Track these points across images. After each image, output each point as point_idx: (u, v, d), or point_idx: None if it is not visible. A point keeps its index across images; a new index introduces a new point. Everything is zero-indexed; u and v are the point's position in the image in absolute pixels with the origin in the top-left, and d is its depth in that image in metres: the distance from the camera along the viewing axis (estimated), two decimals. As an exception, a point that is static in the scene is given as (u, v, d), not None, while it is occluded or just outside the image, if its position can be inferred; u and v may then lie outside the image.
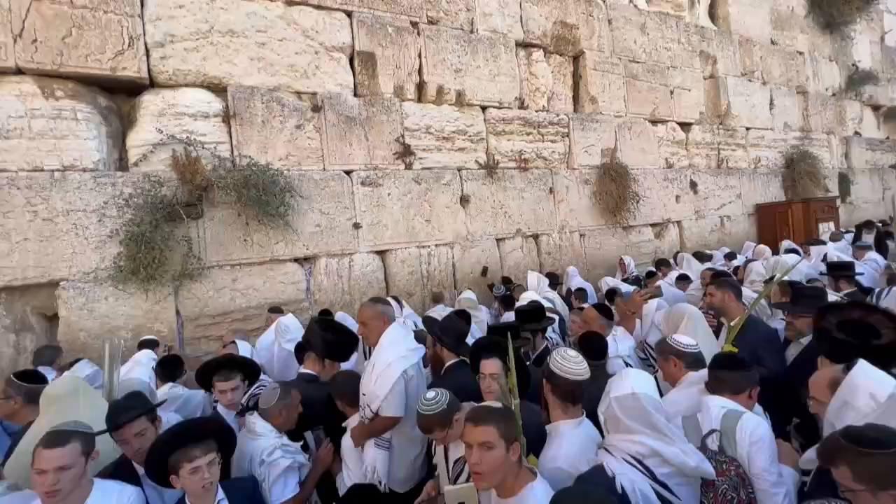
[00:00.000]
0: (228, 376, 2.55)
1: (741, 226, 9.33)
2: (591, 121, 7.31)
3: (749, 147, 9.62)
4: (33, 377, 2.46)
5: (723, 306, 3.01)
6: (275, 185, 4.57)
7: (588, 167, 7.24)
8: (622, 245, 7.54)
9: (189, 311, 4.39)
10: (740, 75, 9.47)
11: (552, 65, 7.10)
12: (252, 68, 4.81)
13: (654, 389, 1.66)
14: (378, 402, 2.29)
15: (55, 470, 1.54)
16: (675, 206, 8.29)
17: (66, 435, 1.62)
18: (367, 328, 2.53)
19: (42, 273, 3.83)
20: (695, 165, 8.73)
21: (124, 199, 4.11)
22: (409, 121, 5.70)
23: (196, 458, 1.68)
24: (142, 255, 3.99)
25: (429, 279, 5.74)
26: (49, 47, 3.92)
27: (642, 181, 7.68)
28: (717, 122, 9.16)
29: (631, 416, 1.56)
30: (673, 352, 2.10)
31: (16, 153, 3.82)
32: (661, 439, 1.54)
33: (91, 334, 3.97)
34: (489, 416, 1.53)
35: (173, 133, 4.39)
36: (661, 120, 8.25)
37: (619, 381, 1.65)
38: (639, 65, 7.96)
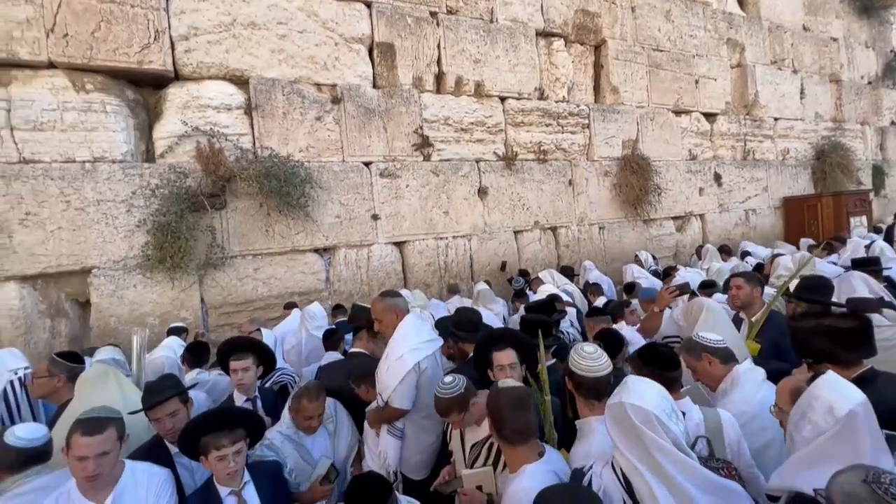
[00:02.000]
0: (240, 356, 2.60)
1: (767, 220, 9.06)
2: (613, 111, 7.17)
3: (777, 138, 9.30)
4: (74, 358, 2.58)
5: (749, 301, 2.95)
6: (295, 177, 4.63)
7: (608, 159, 7.12)
8: (642, 238, 7.41)
9: (213, 299, 4.51)
10: (769, 63, 9.14)
11: (573, 54, 6.97)
12: (273, 60, 4.86)
13: (661, 399, 1.45)
14: (388, 392, 2.33)
15: (95, 456, 1.60)
16: (697, 199, 8.10)
17: (103, 422, 1.68)
18: (382, 323, 2.56)
19: (75, 261, 3.98)
20: (719, 157, 8.49)
21: (151, 189, 4.22)
22: (427, 112, 5.68)
23: (224, 446, 1.75)
24: (168, 245, 4.11)
25: (446, 271, 5.76)
26: (79, 41, 4.03)
27: (664, 173, 7.52)
28: (743, 112, 8.88)
29: (620, 429, 1.41)
30: (706, 349, 2.02)
31: (49, 145, 3.95)
32: (648, 463, 1.35)
33: (121, 320, 4.11)
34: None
35: (197, 125, 4.48)
36: (684, 110, 8.04)
37: (619, 389, 1.51)
38: (663, 53, 7.76)
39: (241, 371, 2.55)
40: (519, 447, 1.63)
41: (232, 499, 1.79)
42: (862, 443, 1.24)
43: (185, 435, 1.84)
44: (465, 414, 1.99)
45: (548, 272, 5.62)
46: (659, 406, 1.40)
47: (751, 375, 1.98)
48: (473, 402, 2.00)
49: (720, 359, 2.00)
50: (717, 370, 2.00)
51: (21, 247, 3.80)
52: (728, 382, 1.98)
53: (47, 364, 2.51)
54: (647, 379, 1.51)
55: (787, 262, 4.45)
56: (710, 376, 2.04)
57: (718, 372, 2.00)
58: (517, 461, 1.63)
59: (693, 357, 2.06)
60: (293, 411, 2.29)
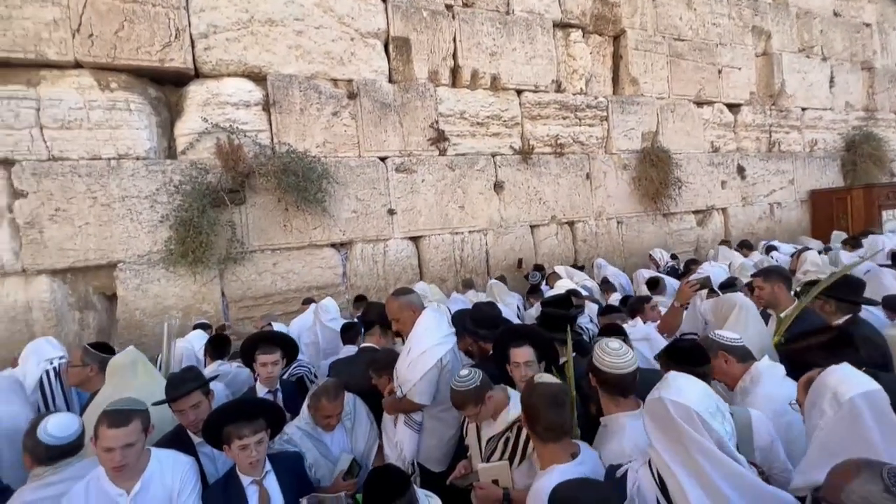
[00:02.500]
0: (270, 350, 2.64)
1: (793, 213, 8.78)
2: (632, 103, 7.02)
3: (804, 129, 8.99)
4: (105, 348, 2.67)
5: (772, 299, 2.85)
6: (312, 172, 4.67)
7: (627, 152, 6.99)
8: (662, 233, 7.27)
9: (233, 292, 4.60)
10: (797, 51, 8.81)
11: (591, 45, 6.84)
12: (290, 56, 4.90)
13: (704, 396, 1.39)
14: (409, 386, 2.34)
15: (122, 448, 1.65)
16: (720, 193, 7.89)
17: (128, 414, 1.72)
18: (400, 322, 2.56)
19: (102, 255, 4.10)
20: (743, 149, 8.25)
21: (174, 185, 4.32)
22: (443, 106, 5.66)
23: (245, 436, 1.79)
24: (190, 240, 4.20)
25: (462, 265, 5.75)
26: (104, 41, 4.13)
27: (685, 166, 7.34)
28: (769, 102, 8.60)
29: (658, 426, 1.36)
30: (723, 347, 1.96)
31: (76, 143, 4.07)
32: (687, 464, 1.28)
33: (146, 313, 4.23)
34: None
35: (217, 122, 4.55)
36: (707, 101, 7.82)
37: (659, 384, 1.46)
38: (684, 43, 7.55)
39: (270, 364, 2.60)
40: (550, 445, 1.61)
41: (253, 488, 1.83)
42: (868, 432, 1.20)
43: (208, 424, 1.89)
44: (481, 407, 1.99)
45: (563, 267, 5.56)
46: (701, 403, 1.33)
47: (772, 371, 1.92)
48: (489, 396, 2.00)
49: (737, 357, 1.95)
50: (734, 368, 1.95)
51: (51, 242, 3.93)
52: (747, 380, 1.92)
53: (80, 354, 2.60)
54: (689, 375, 1.44)
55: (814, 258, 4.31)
56: (727, 375, 1.99)
57: (735, 370, 1.95)
58: (547, 459, 1.61)
59: (711, 355, 1.98)
60: (312, 409, 2.31)
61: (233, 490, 1.82)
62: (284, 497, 1.86)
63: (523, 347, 2.25)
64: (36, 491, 1.75)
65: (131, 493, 1.70)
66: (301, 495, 1.84)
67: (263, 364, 2.60)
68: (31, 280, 3.93)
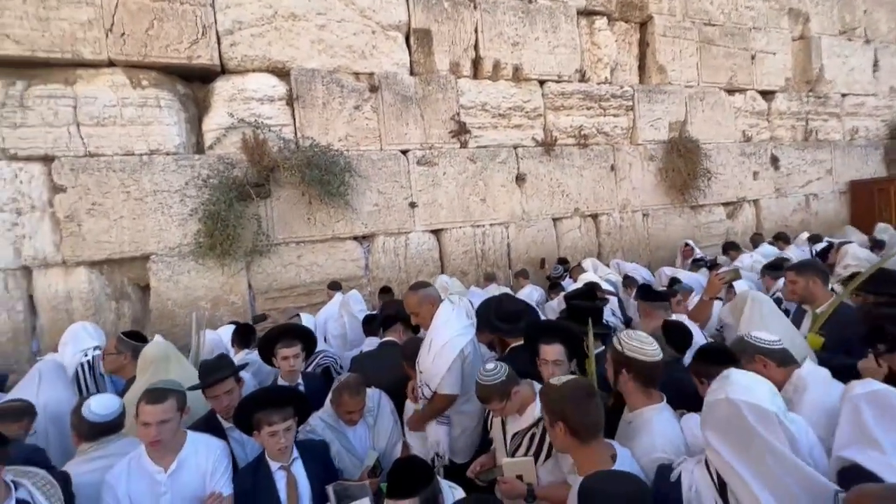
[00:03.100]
0: (291, 343, 2.67)
1: (830, 205, 8.39)
2: (659, 92, 6.81)
3: (844, 116, 8.54)
4: (138, 337, 2.79)
5: (807, 294, 2.72)
6: (335, 166, 4.72)
7: (653, 142, 6.79)
8: (689, 226, 7.06)
9: (259, 284, 4.71)
10: (837, 34, 8.36)
11: (616, 33, 6.66)
12: (313, 51, 4.94)
13: (773, 395, 1.35)
14: (437, 380, 2.33)
15: (157, 423, 1.75)
16: (751, 184, 7.60)
17: (165, 392, 1.84)
18: (419, 316, 2.57)
19: (136, 248, 4.26)
20: (777, 138, 7.91)
21: (202, 179, 4.43)
22: (464, 98, 5.62)
23: (275, 423, 1.85)
24: (218, 232, 4.31)
25: (483, 259, 5.73)
26: (135, 39, 4.25)
27: (715, 157, 7.09)
28: (805, 88, 8.20)
29: (725, 429, 1.30)
30: (760, 350, 1.84)
31: (111, 139, 4.22)
32: (756, 466, 1.23)
33: (177, 303, 4.38)
34: (541, 392, 1.58)
35: (243, 117, 4.64)
36: (739, 89, 7.52)
37: (719, 383, 1.38)
38: (715, 28, 7.26)
39: (292, 358, 2.62)
40: (592, 444, 1.52)
41: (281, 473, 1.89)
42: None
43: (240, 410, 1.97)
44: (507, 402, 1.96)
45: (590, 260, 5.47)
46: (775, 403, 1.29)
47: (816, 376, 1.80)
48: (515, 391, 1.97)
49: (777, 361, 1.82)
50: (774, 373, 1.80)
51: (89, 234, 4.10)
52: (790, 390, 1.79)
53: (115, 342, 2.72)
54: (751, 373, 1.40)
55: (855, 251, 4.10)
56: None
57: (776, 375, 1.80)
58: (588, 463, 1.51)
59: (745, 359, 1.87)
60: (334, 404, 2.34)
61: (262, 474, 1.88)
62: (310, 483, 1.91)
63: (553, 345, 2.19)
64: (82, 465, 1.88)
65: (168, 471, 1.80)
66: (327, 483, 1.89)
67: (285, 357, 2.61)
68: (71, 271, 4.11)
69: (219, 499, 1.82)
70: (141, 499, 1.77)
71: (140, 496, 1.77)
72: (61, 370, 2.71)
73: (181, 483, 1.81)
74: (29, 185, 4.01)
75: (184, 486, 1.81)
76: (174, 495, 1.79)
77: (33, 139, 3.99)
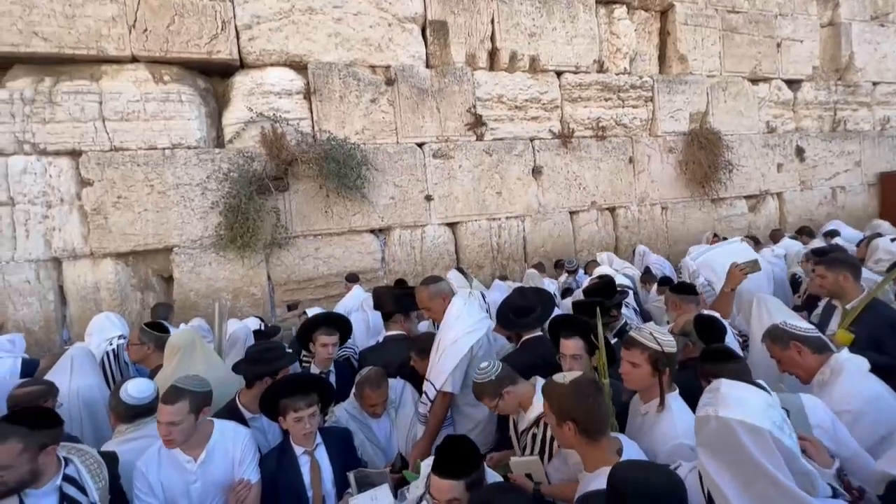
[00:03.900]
0: (331, 331, 2.71)
1: (859, 198, 8.12)
2: (679, 82, 6.66)
3: (875, 105, 8.23)
4: (160, 327, 2.85)
5: (836, 289, 2.64)
6: (352, 159, 4.75)
7: (673, 134, 6.65)
8: (710, 219, 6.92)
9: (278, 276, 4.79)
10: (869, 20, 8.03)
11: (636, 22, 6.51)
12: (330, 44, 4.96)
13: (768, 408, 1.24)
14: (443, 378, 2.31)
15: (167, 423, 1.79)
16: (775, 176, 7.40)
17: (178, 393, 1.83)
18: (431, 311, 2.57)
19: (159, 240, 4.36)
20: (803, 129, 7.67)
21: (223, 173, 4.51)
22: (480, 90, 5.58)
23: (300, 409, 1.90)
24: (238, 225, 4.39)
25: (499, 252, 5.72)
26: (157, 35, 4.33)
27: (737, 148, 6.92)
28: (834, 77, 7.92)
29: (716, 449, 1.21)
30: (795, 337, 1.82)
31: (134, 133, 4.31)
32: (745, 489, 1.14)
33: (199, 294, 4.48)
34: (546, 393, 1.55)
35: (261, 111, 4.69)
36: (763, 78, 7.30)
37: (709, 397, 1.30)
38: (739, 15, 7.05)
39: (331, 346, 2.67)
40: (602, 441, 1.50)
41: (305, 458, 1.94)
42: None
43: (266, 396, 2.02)
44: (499, 401, 1.95)
45: (606, 254, 5.41)
46: (769, 418, 1.18)
47: (854, 364, 1.77)
48: (507, 391, 1.95)
49: (812, 348, 1.81)
50: (809, 360, 1.81)
51: (115, 227, 4.22)
52: (826, 373, 1.78)
53: (137, 333, 2.79)
54: (742, 384, 1.30)
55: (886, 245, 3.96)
56: (800, 367, 1.85)
57: (811, 362, 1.80)
58: (595, 459, 1.49)
59: (779, 346, 1.87)
60: (357, 397, 2.37)
61: (287, 459, 1.94)
62: (333, 468, 1.96)
63: (573, 339, 2.17)
64: (119, 445, 1.95)
65: (198, 460, 1.85)
66: (349, 469, 1.93)
67: (324, 344, 2.66)
68: (98, 263, 4.24)
69: (247, 486, 1.87)
70: (172, 486, 1.82)
71: (171, 484, 1.82)
72: (92, 357, 2.80)
73: (210, 471, 1.86)
74: (58, 178, 4.14)
75: (213, 474, 1.86)
76: (204, 483, 1.84)
77: (61, 134, 4.10)
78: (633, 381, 1.76)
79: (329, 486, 1.95)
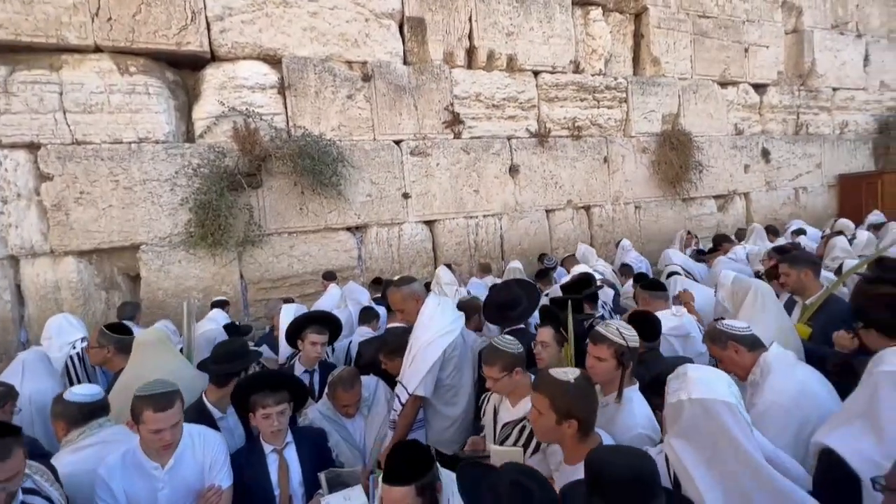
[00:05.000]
0: (322, 330, 2.63)
1: (819, 199, 8.50)
2: (653, 84, 6.82)
3: (835, 110, 8.63)
4: (121, 329, 2.71)
5: (798, 285, 2.76)
6: (328, 156, 4.68)
7: (647, 135, 6.82)
8: (681, 218, 7.12)
9: (251, 274, 4.69)
10: (830, 28, 8.40)
11: (611, 24, 6.63)
12: (305, 39, 4.87)
13: (730, 385, 1.33)
14: (416, 382, 2.30)
15: (171, 428, 1.72)
16: (742, 177, 7.67)
17: (171, 396, 1.76)
18: (405, 313, 2.54)
19: (125, 237, 4.21)
20: (768, 132, 7.97)
21: (192, 168, 4.38)
22: (458, 88, 5.58)
23: (269, 405, 1.87)
24: (209, 222, 4.27)
25: (476, 250, 5.74)
26: (122, 25, 4.16)
27: (707, 149, 7.14)
28: (798, 82, 8.26)
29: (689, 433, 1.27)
30: (732, 337, 1.87)
31: (98, 126, 4.14)
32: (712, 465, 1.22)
33: (168, 293, 4.35)
34: (545, 387, 1.53)
35: (234, 105, 4.58)
36: (731, 81, 7.55)
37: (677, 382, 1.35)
38: (709, 20, 7.26)
39: (320, 345, 2.62)
40: (590, 436, 1.51)
41: (274, 456, 1.91)
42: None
43: (237, 391, 1.98)
44: (505, 376, 1.93)
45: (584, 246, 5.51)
46: (733, 394, 1.27)
47: (781, 360, 1.83)
48: (518, 371, 1.95)
49: (747, 346, 1.86)
50: (745, 358, 1.86)
51: (77, 224, 4.04)
52: (757, 373, 1.83)
53: (97, 335, 2.67)
54: (704, 367, 1.38)
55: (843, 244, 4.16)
56: (738, 366, 1.90)
57: (746, 360, 1.86)
58: (581, 454, 1.46)
59: (718, 346, 1.91)
60: (330, 398, 2.34)
61: (255, 457, 1.91)
62: (303, 468, 1.93)
63: (544, 328, 2.30)
64: (70, 455, 1.82)
65: (166, 467, 1.77)
66: (320, 469, 1.90)
67: (314, 343, 2.60)
68: (59, 261, 4.06)
69: (218, 492, 1.82)
70: (137, 494, 1.73)
71: (136, 491, 1.73)
72: (45, 360, 2.65)
73: (179, 477, 1.79)
74: (14, 172, 3.94)
75: (182, 480, 1.80)
76: (173, 490, 1.77)
77: (18, 126, 3.90)
78: (598, 374, 1.79)
79: (297, 485, 1.92)
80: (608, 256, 6.24)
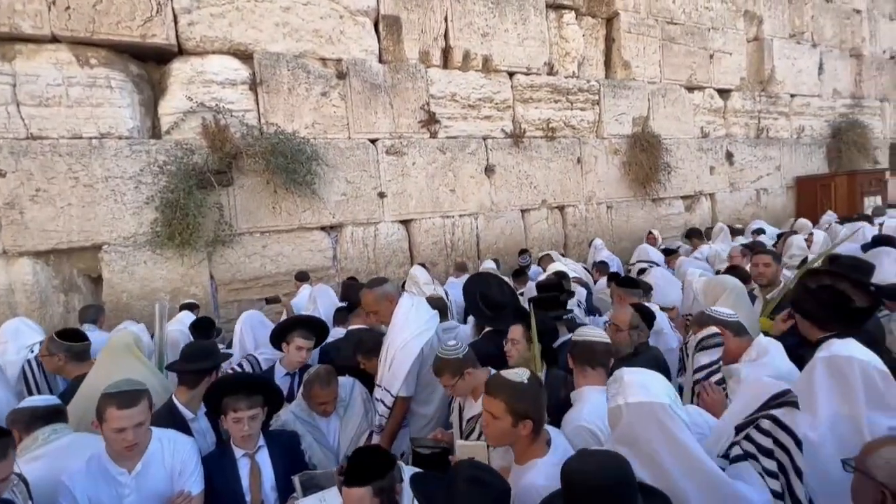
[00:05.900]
0: (309, 335, 2.59)
1: (779, 199, 8.92)
2: (624, 87, 7.00)
3: (792, 115, 9.07)
4: (74, 336, 2.59)
5: (774, 278, 2.98)
6: (301, 154, 4.60)
7: (618, 136, 6.99)
8: (651, 218, 7.34)
9: (222, 275, 4.56)
10: (788, 37, 8.83)
11: (584, 27, 6.77)
12: (277, 34, 4.77)
13: (667, 386, 1.37)
14: (398, 384, 2.31)
15: (134, 427, 1.65)
16: (708, 178, 7.97)
17: (137, 394, 1.71)
18: (378, 314, 2.52)
19: (86, 237, 4.02)
20: (732, 135, 8.31)
21: (158, 166, 4.22)
22: (434, 88, 5.58)
23: (240, 409, 1.83)
24: (177, 222, 4.13)
25: (453, 249, 5.76)
26: (81, 14, 3.97)
27: (675, 151, 7.38)
28: (758, 88, 8.64)
29: (627, 439, 1.30)
30: (720, 322, 1.99)
31: (56, 121, 3.94)
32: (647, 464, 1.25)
33: (132, 296, 4.18)
34: (500, 391, 1.51)
35: (202, 101, 4.44)
36: (698, 86, 7.83)
37: (615, 387, 1.38)
38: (677, 27, 7.51)
39: (306, 350, 2.58)
40: (541, 434, 1.54)
41: (245, 460, 1.87)
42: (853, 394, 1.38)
43: (209, 393, 1.93)
44: (458, 380, 1.99)
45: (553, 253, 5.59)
46: (668, 396, 1.31)
47: (777, 346, 1.97)
48: (469, 372, 2.00)
49: (732, 331, 2.00)
50: (731, 343, 2.00)
51: (33, 223, 3.84)
52: (753, 353, 1.96)
53: (47, 343, 2.54)
54: (640, 369, 1.41)
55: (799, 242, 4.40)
56: (724, 349, 2.04)
57: (731, 345, 2.00)
58: (531, 452, 1.53)
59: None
60: (306, 396, 2.30)
61: (227, 461, 1.87)
62: (275, 472, 1.89)
63: (515, 325, 2.33)
64: (25, 464, 1.70)
65: (132, 472, 1.71)
66: (293, 473, 1.87)
67: (300, 347, 2.56)
68: (13, 262, 3.85)
69: (187, 498, 1.76)
70: (102, 502, 1.67)
71: (101, 499, 1.67)
72: (-1, 370, 2.53)
73: (147, 484, 1.73)
74: (-38, 168, 3.70)
75: (149, 486, 1.73)
76: (140, 496, 1.71)
77: (-34, 119, 3.68)
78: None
79: (269, 490, 1.88)
80: (581, 255, 6.40)
